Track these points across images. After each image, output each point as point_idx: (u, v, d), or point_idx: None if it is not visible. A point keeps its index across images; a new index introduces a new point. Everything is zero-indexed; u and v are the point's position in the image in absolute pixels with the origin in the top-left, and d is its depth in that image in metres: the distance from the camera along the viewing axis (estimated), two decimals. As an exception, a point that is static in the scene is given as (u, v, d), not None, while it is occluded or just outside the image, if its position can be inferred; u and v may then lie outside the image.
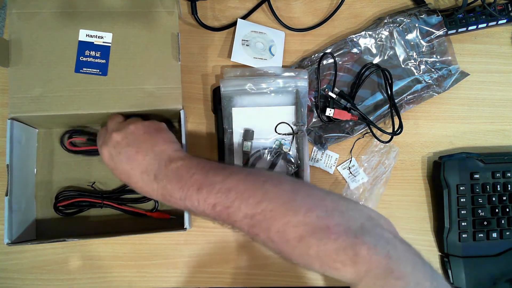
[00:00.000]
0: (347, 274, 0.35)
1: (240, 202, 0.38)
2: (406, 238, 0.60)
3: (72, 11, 0.51)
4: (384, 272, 0.34)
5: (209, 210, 0.39)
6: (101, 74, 0.51)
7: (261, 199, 0.38)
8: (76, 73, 0.51)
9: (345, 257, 0.34)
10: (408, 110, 0.61)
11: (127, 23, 0.52)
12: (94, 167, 0.56)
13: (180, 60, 0.53)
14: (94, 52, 0.51)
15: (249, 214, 0.38)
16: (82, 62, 0.51)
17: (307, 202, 0.38)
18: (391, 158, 0.60)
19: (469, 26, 0.62)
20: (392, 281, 0.33)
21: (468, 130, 0.63)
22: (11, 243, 0.47)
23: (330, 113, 0.57)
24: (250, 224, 0.38)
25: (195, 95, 0.60)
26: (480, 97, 0.64)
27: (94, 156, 0.56)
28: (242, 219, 0.38)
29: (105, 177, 0.56)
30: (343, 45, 0.61)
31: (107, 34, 0.52)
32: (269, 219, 0.37)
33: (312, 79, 0.59)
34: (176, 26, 0.53)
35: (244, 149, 0.56)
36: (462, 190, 0.58)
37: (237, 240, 0.57)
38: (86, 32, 0.51)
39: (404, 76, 0.61)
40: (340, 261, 0.34)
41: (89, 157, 0.56)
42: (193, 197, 0.40)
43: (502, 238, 0.57)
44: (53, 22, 0.51)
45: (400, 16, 0.62)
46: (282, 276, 0.57)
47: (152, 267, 0.55)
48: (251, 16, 0.63)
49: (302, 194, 0.39)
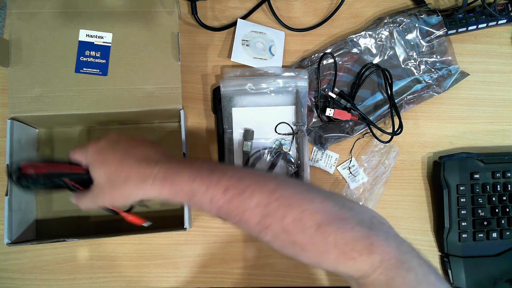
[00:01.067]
0: (362, 265, 0.34)
1: (254, 189, 0.36)
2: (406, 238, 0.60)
3: (72, 11, 0.51)
4: (396, 264, 0.34)
5: (219, 195, 0.36)
6: (101, 74, 0.51)
7: (276, 188, 0.37)
8: (76, 73, 0.51)
9: (362, 246, 0.34)
10: (408, 110, 0.61)
11: (127, 23, 0.52)
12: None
13: (180, 60, 0.53)
14: (94, 52, 0.51)
15: (263, 203, 0.36)
16: (82, 62, 0.51)
17: (321, 193, 0.38)
18: (391, 158, 0.60)
19: (469, 26, 0.62)
20: (403, 272, 0.34)
21: (468, 130, 0.63)
22: (11, 243, 0.47)
23: (330, 113, 0.57)
24: (263, 214, 0.36)
25: (195, 95, 0.60)
26: (480, 97, 0.64)
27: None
28: (254, 208, 0.36)
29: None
30: (343, 45, 0.61)
31: (107, 34, 0.52)
32: (285, 206, 0.36)
33: (312, 79, 0.59)
34: (176, 26, 0.53)
35: (244, 149, 0.56)
36: (462, 190, 0.58)
37: (237, 240, 0.57)
38: (86, 32, 0.51)
39: (404, 76, 0.61)
40: (357, 250, 0.34)
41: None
42: (204, 179, 0.37)
43: (502, 238, 0.57)
44: (53, 22, 0.51)
45: (400, 16, 0.62)
46: (282, 276, 0.57)
47: (152, 267, 0.55)
48: (251, 16, 0.63)
49: (313, 188, 0.39)
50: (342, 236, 0.34)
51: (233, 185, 0.37)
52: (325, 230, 0.35)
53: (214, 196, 0.37)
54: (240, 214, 0.37)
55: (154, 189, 0.38)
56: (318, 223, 0.35)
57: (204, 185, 0.37)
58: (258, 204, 0.36)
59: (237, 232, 0.57)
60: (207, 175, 0.37)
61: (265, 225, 0.36)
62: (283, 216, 0.36)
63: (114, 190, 0.40)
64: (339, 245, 0.34)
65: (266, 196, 0.36)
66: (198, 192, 0.37)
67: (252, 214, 0.36)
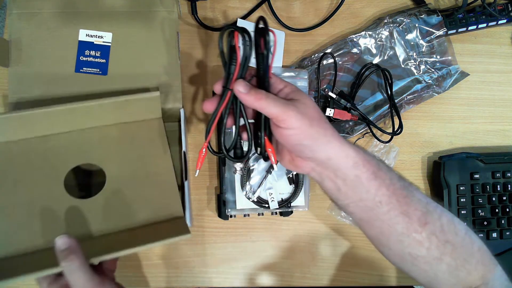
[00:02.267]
0: (489, 275, 0.41)
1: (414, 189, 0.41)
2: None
3: (72, 11, 0.51)
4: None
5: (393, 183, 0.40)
6: (101, 74, 0.51)
7: (424, 195, 0.43)
8: (76, 72, 0.51)
9: (491, 260, 0.42)
10: (408, 110, 0.61)
11: (127, 23, 0.52)
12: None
13: (180, 59, 0.53)
14: (94, 52, 0.51)
15: (423, 201, 0.41)
16: (82, 61, 0.51)
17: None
18: (391, 158, 0.60)
19: (469, 26, 0.62)
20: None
21: (468, 130, 0.63)
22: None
23: (330, 113, 0.57)
24: (424, 211, 0.40)
25: (195, 95, 0.60)
26: (480, 97, 0.64)
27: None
28: (417, 203, 0.40)
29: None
30: (343, 45, 0.61)
31: (107, 34, 0.52)
32: (440, 209, 0.41)
33: (312, 79, 0.59)
34: (176, 25, 0.53)
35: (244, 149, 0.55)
36: (462, 190, 0.58)
37: (237, 240, 0.57)
38: (86, 32, 0.51)
39: (404, 76, 0.61)
40: (491, 262, 0.42)
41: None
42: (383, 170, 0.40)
43: (502, 238, 0.57)
44: (53, 22, 0.51)
45: (400, 16, 0.62)
46: (282, 276, 0.57)
47: (152, 267, 0.55)
48: (251, 16, 0.63)
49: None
50: (482, 245, 0.41)
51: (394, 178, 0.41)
52: (471, 235, 0.41)
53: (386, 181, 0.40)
54: (405, 206, 0.39)
55: (350, 150, 0.39)
56: (466, 228, 0.41)
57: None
58: (419, 200, 0.40)
59: (237, 232, 0.57)
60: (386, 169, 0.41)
61: (425, 222, 0.39)
62: (439, 216, 0.40)
63: (315, 120, 0.38)
64: (482, 251, 0.40)
65: (425, 196, 0.41)
66: (380, 171, 0.40)
67: (415, 209, 0.39)
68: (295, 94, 0.39)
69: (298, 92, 0.39)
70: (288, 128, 0.37)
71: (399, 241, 0.40)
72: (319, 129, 0.38)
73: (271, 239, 0.58)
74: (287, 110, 0.36)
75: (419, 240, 0.39)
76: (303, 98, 0.38)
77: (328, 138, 0.38)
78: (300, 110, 0.37)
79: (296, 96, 0.39)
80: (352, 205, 0.41)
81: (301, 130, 0.37)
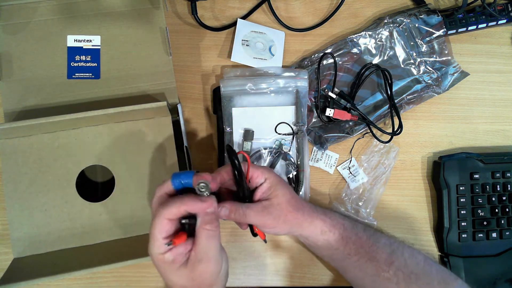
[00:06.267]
0: None
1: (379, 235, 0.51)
2: (406, 238, 0.60)
3: (56, 18, 0.51)
4: None
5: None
6: (94, 78, 0.51)
7: (386, 235, 0.53)
8: (69, 79, 0.50)
9: (453, 278, 0.49)
10: (408, 110, 0.61)
11: (114, 23, 0.52)
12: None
13: (171, 54, 0.52)
14: (85, 57, 0.51)
15: (388, 243, 0.49)
16: (74, 67, 0.51)
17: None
18: (391, 158, 0.60)
19: (469, 26, 0.62)
20: None
21: (468, 130, 0.63)
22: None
23: (330, 113, 0.57)
24: (389, 251, 0.48)
25: (195, 95, 0.60)
26: (480, 97, 0.64)
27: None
28: (382, 246, 0.49)
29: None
30: (343, 45, 0.61)
31: (95, 37, 0.51)
32: (402, 246, 0.50)
33: (312, 79, 0.59)
34: (163, 20, 0.52)
35: (244, 149, 0.56)
36: (462, 190, 0.58)
37: (237, 240, 0.57)
38: (73, 37, 0.51)
39: (404, 76, 0.61)
40: (451, 280, 0.48)
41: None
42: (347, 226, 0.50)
43: (502, 238, 0.57)
44: (39, 32, 0.51)
45: (400, 16, 0.62)
46: (282, 276, 0.57)
47: (152, 267, 0.55)
48: (251, 16, 0.63)
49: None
50: (439, 266, 0.49)
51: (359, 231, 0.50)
52: (429, 261, 0.48)
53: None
54: (371, 253, 0.47)
55: (317, 221, 0.48)
56: (424, 256, 0.49)
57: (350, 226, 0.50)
58: (384, 244, 0.48)
59: (236, 232, 0.57)
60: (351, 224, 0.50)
61: (391, 261, 0.47)
62: (402, 252, 0.48)
63: (288, 214, 0.45)
64: (440, 271, 0.48)
65: (388, 238, 0.50)
66: (346, 231, 0.48)
67: (382, 252, 0.47)
68: (273, 190, 0.44)
69: (275, 187, 0.45)
70: (267, 228, 0.45)
71: (372, 281, 0.48)
72: (292, 220, 0.46)
73: (271, 239, 0.58)
74: (263, 219, 0.44)
75: (388, 278, 0.46)
76: (279, 196, 0.45)
77: (300, 222, 0.46)
78: (274, 214, 0.44)
79: (273, 193, 0.44)
80: (326, 258, 0.52)
81: (277, 228, 0.45)
